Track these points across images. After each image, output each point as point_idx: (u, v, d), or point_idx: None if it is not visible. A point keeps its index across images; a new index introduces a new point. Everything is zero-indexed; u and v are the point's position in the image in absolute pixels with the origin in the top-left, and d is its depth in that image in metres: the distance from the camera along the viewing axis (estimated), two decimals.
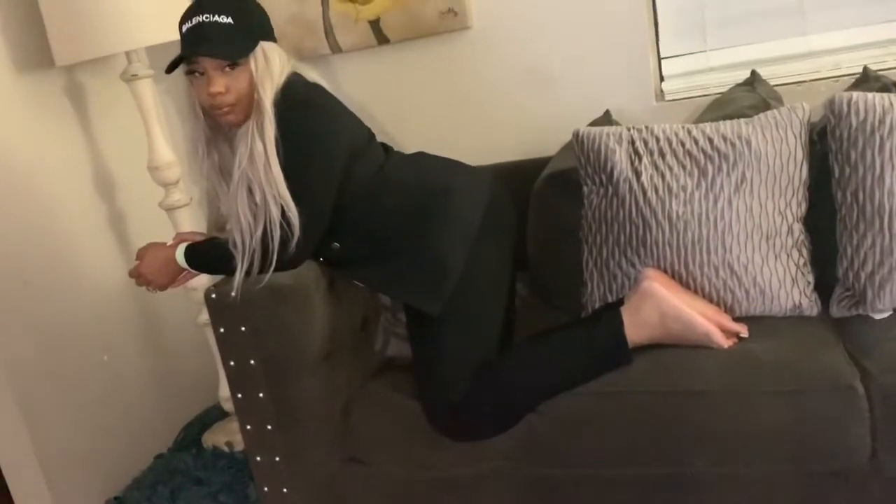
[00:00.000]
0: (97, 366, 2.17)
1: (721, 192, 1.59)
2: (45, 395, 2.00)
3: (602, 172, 1.69)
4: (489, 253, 1.65)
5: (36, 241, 2.03)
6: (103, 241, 2.25)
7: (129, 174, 2.28)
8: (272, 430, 1.61)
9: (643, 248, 1.64)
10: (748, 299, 1.60)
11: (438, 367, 1.59)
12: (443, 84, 2.24)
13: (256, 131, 1.53)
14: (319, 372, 1.61)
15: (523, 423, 1.55)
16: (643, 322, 1.54)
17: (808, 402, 1.40)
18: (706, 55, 2.10)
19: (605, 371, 1.53)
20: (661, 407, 1.47)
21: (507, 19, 2.14)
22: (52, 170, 2.10)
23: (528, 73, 2.16)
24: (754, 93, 1.88)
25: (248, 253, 1.55)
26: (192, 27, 1.53)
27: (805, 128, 1.61)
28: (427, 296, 1.59)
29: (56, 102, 2.14)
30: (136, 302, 2.31)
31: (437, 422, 1.59)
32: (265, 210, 1.53)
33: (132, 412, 2.27)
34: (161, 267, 1.69)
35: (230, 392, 1.63)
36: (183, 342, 2.43)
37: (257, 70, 1.54)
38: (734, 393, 1.45)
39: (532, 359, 1.61)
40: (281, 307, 1.56)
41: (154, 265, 1.70)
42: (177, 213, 2.15)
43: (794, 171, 1.60)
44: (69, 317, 2.10)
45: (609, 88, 2.09)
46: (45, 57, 2.01)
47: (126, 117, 2.20)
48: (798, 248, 1.61)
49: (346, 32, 2.24)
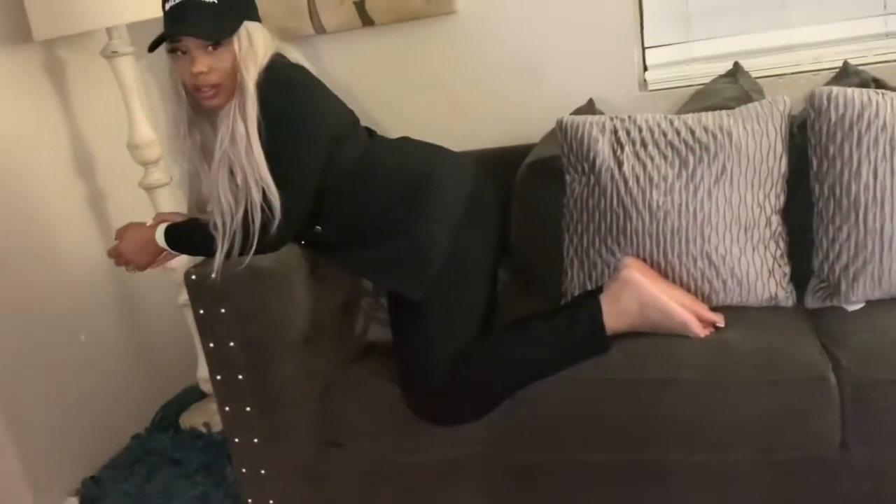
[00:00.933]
0: (74, 346, 2.16)
1: (701, 183, 1.60)
2: (21, 375, 1.99)
3: (584, 161, 1.69)
4: (471, 239, 1.66)
5: (12, 219, 2.00)
6: (82, 219, 2.23)
7: (108, 153, 2.25)
8: (251, 412, 1.61)
9: (623, 237, 1.65)
10: (725, 290, 1.62)
11: (418, 351, 1.60)
12: (428, 68, 2.24)
13: (238, 112, 1.52)
14: (299, 355, 1.62)
15: (501, 409, 1.56)
16: (622, 310, 1.56)
17: (782, 392, 1.43)
18: (689, 46, 2.11)
19: (584, 358, 1.55)
20: (638, 394, 1.49)
21: (493, 5, 2.13)
22: (29, 147, 2.07)
23: (513, 62, 2.16)
24: (736, 84, 1.89)
25: (229, 235, 1.54)
26: (175, 5, 1.51)
27: (785, 121, 1.63)
28: (409, 281, 1.59)
29: (34, 78, 2.11)
30: (114, 282, 2.29)
31: (416, 406, 1.60)
32: (246, 192, 1.53)
33: (109, 392, 2.26)
34: (141, 247, 1.68)
35: (209, 374, 1.63)
36: (161, 323, 2.42)
37: (241, 50, 1.53)
38: (710, 381, 1.47)
39: (511, 345, 1.62)
40: (262, 289, 1.55)
41: (133, 245, 1.69)
42: (157, 192, 2.13)
43: (774, 163, 1.62)
44: (46, 296, 2.08)
45: (593, 77, 2.10)
46: (23, 31, 1.97)
47: (106, 95, 2.17)
48: (775, 240, 1.63)
49: (330, 13, 2.22)
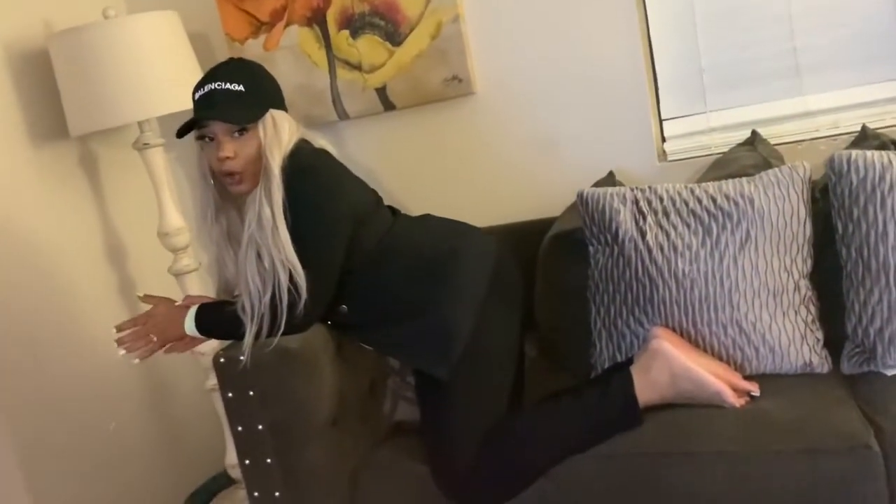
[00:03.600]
0: (104, 434, 2.16)
1: (726, 250, 1.60)
2: (53, 465, 1.99)
3: (607, 232, 1.70)
4: (496, 315, 1.65)
5: (46, 311, 2.05)
6: (113, 308, 2.26)
7: (139, 240, 2.31)
8: (280, 496, 1.59)
9: (651, 307, 1.64)
10: (758, 357, 1.59)
11: (447, 431, 1.58)
12: (448, 148, 2.28)
13: (264, 196, 1.56)
14: (327, 437, 1.60)
15: (532, 488, 1.53)
16: (653, 382, 1.53)
17: (823, 462, 1.38)
18: (706, 116, 2.14)
19: (616, 433, 1.52)
20: (673, 468, 1.45)
21: (511, 85, 2.19)
22: (64, 238, 2.13)
23: (532, 138, 2.20)
24: (755, 152, 1.90)
25: (258, 317, 1.55)
26: (204, 94, 1.58)
27: (806, 186, 1.63)
28: (435, 359, 1.58)
29: (70, 172, 2.19)
30: (144, 369, 2.30)
31: (447, 488, 1.57)
32: (273, 274, 1.55)
33: (138, 481, 2.24)
34: (166, 325, 1.67)
35: (238, 458, 1.62)
36: (189, 409, 2.42)
37: (266, 136, 1.58)
38: (747, 453, 1.43)
39: (542, 422, 1.60)
40: (289, 371, 1.56)
41: (160, 322, 1.68)
42: (185, 278, 2.17)
43: (798, 228, 1.61)
44: (77, 385, 2.10)
45: (612, 150, 2.12)
46: (60, 128, 2.06)
47: (137, 185, 2.25)
48: (806, 305, 1.61)
49: (353, 100, 2.29)
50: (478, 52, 2.18)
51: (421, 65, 2.19)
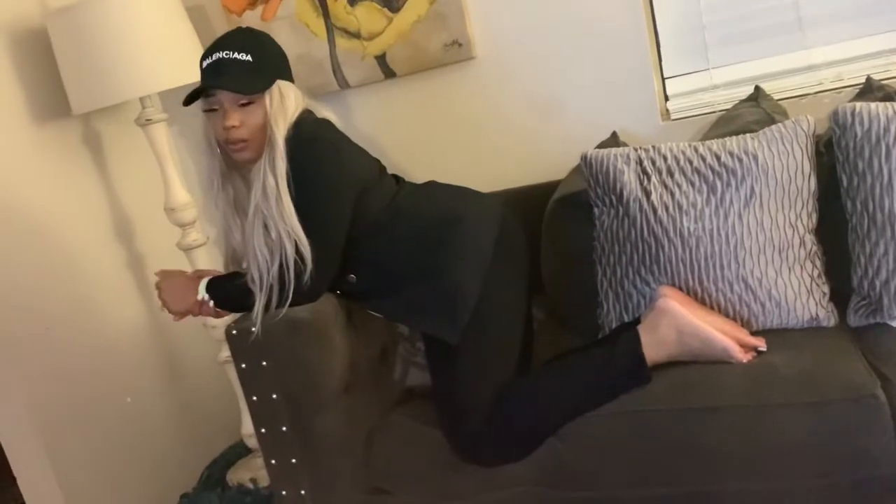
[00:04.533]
0: (121, 408, 2.19)
1: (731, 208, 1.60)
2: (70, 440, 2.02)
3: (612, 193, 1.70)
4: (503, 278, 1.67)
5: (57, 288, 2.07)
6: (123, 284, 2.28)
7: (146, 216, 2.32)
8: (296, 463, 1.62)
9: (657, 267, 1.65)
10: (764, 313, 1.60)
11: (458, 394, 1.60)
12: (450, 114, 2.28)
13: (269, 166, 1.56)
14: (341, 404, 1.63)
15: (544, 447, 1.55)
16: (661, 340, 1.55)
17: (831, 413, 1.40)
18: (709, 73, 2.12)
19: (625, 391, 1.53)
20: (682, 425, 1.47)
21: (511, 48, 2.17)
22: (71, 216, 2.14)
23: (534, 101, 2.19)
24: (759, 108, 1.89)
25: (266, 288, 1.57)
26: (212, 62, 1.58)
27: (811, 140, 1.63)
28: (444, 324, 1.60)
29: (74, 150, 2.19)
30: (156, 343, 2.33)
31: (459, 449, 1.59)
32: (280, 245, 1.56)
33: (156, 453, 2.28)
34: (179, 295, 1.69)
35: (254, 427, 1.65)
36: (204, 381, 2.45)
37: (272, 106, 1.58)
38: (755, 407, 1.44)
39: (551, 382, 1.62)
40: (301, 341, 1.58)
41: (173, 292, 1.70)
42: (194, 252, 2.18)
43: (803, 183, 1.61)
44: (91, 360, 2.13)
45: (615, 110, 2.12)
46: (62, 106, 2.06)
47: (141, 161, 2.25)
48: (811, 260, 1.62)
49: (353, 69, 2.28)
50: (477, 15, 2.16)
51: (420, 30, 2.18)
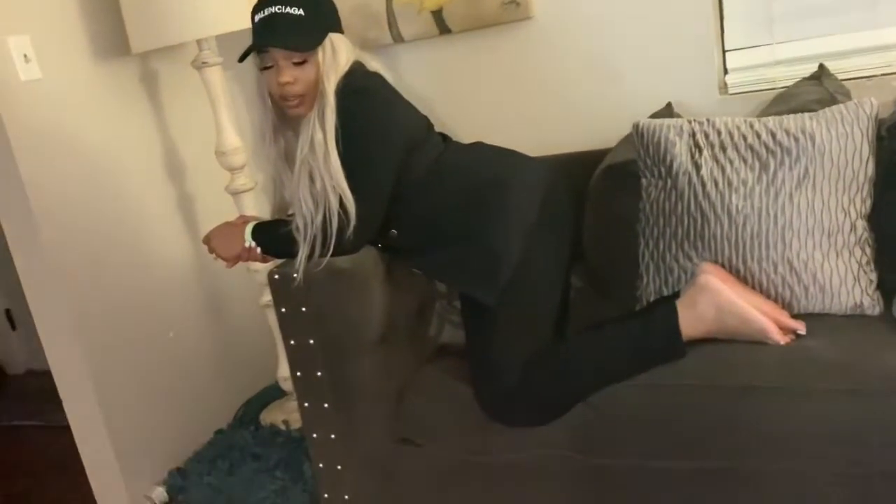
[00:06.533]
0: (164, 342, 2.27)
1: (782, 187, 1.57)
2: (115, 369, 2.10)
3: (661, 165, 1.68)
4: (545, 243, 1.67)
5: (108, 220, 2.13)
6: (172, 222, 2.34)
7: (196, 158, 2.36)
8: (328, 408, 1.66)
9: (701, 242, 1.63)
10: (807, 296, 1.58)
11: (491, 353, 1.62)
12: (503, 74, 2.26)
13: (317, 120, 1.57)
14: (376, 354, 1.66)
15: (575, 413, 1.57)
16: (699, 316, 1.54)
17: (866, 402, 1.38)
18: (772, 48, 2.06)
19: (659, 363, 1.54)
20: (714, 401, 1.47)
21: (570, 9, 2.14)
22: (125, 153, 2.19)
23: (590, 66, 2.15)
24: (821, 87, 1.84)
25: (310, 237, 1.59)
26: (264, 17, 1.58)
27: (872, 123, 1.58)
28: (483, 285, 1.61)
29: (131, 88, 2.23)
30: (201, 282, 2.40)
31: (489, 407, 1.62)
32: (325, 197, 1.58)
33: (195, 388, 2.36)
34: (227, 240, 1.74)
35: (290, 370, 1.69)
36: (244, 323, 2.51)
37: (324, 61, 1.58)
38: (790, 390, 1.43)
39: (586, 349, 1.63)
40: (341, 290, 1.60)
41: (222, 238, 1.75)
42: (241, 196, 2.22)
43: (860, 167, 1.57)
44: (138, 293, 2.19)
45: (671, 81, 2.08)
46: (121, 45, 2.10)
47: (195, 103, 2.28)
48: (861, 246, 1.58)
49: (408, 23, 2.27)
50: None
51: None
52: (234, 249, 1.72)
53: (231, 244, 1.72)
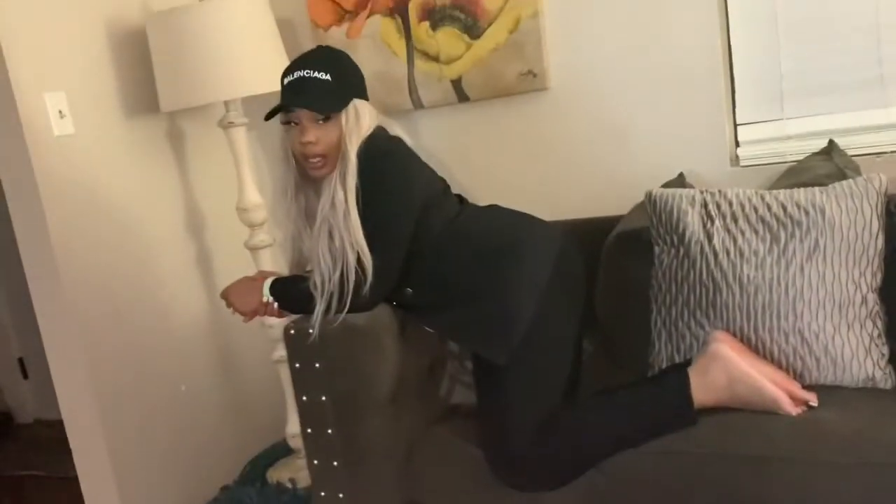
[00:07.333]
0: (175, 394, 2.28)
1: (793, 259, 1.59)
2: (126, 418, 2.11)
3: (674, 233, 1.71)
4: (557, 306, 1.68)
5: (129, 272, 2.17)
6: (190, 276, 2.38)
7: (218, 214, 2.41)
8: (338, 466, 1.66)
9: (713, 311, 1.65)
10: (818, 368, 1.58)
11: (502, 416, 1.62)
12: (519, 141, 2.31)
13: (339, 180, 1.63)
14: (387, 412, 1.66)
15: (584, 479, 1.56)
16: (710, 384, 1.54)
17: (876, 477, 1.37)
18: (783, 123, 2.11)
19: (670, 431, 1.53)
20: (724, 470, 1.46)
21: (585, 82, 2.20)
22: (149, 207, 2.25)
23: (604, 135, 2.21)
24: (831, 162, 1.87)
25: (327, 293, 1.62)
26: (293, 80, 1.65)
27: (881, 198, 1.61)
28: (494, 345, 1.62)
29: (158, 145, 2.31)
30: (215, 337, 2.42)
31: (499, 471, 1.61)
32: (343, 253, 1.61)
33: (203, 443, 2.36)
34: (245, 295, 1.76)
35: (300, 426, 1.69)
36: (255, 378, 2.52)
37: (347, 124, 1.64)
38: (802, 462, 1.43)
39: (597, 415, 1.63)
40: (355, 346, 1.62)
41: (240, 292, 1.77)
42: (260, 252, 2.26)
43: (870, 241, 1.59)
44: (154, 346, 2.21)
45: (684, 151, 2.12)
46: (151, 103, 2.18)
47: (219, 161, 2.35)
48: (872, 319, 1.59)
49: (429, 90, 2.34)
50: (554, 47, 2.20)
51: (497, 58, 2.23)
52: (252, 304, 1.75)
53: (249, 299, 1.75)
